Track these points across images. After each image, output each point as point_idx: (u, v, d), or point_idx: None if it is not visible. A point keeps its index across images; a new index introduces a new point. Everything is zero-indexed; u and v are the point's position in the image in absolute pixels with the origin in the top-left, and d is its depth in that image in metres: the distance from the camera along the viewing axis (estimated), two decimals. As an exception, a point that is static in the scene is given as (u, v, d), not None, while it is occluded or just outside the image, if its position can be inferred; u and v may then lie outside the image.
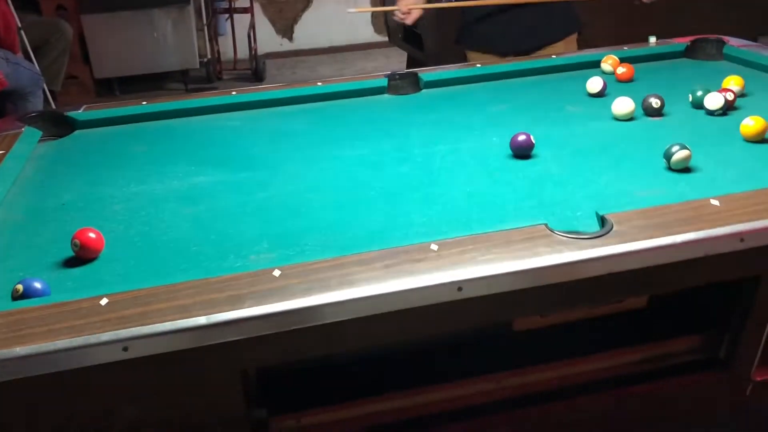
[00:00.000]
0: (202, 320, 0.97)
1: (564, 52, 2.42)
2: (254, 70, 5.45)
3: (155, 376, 1.01)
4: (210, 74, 5.36)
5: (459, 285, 1.06)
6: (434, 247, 1.12)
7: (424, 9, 2.44)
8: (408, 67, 4.77)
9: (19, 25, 3.94)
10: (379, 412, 1.24)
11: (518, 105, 1.96)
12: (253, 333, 1.01)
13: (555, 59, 2.28)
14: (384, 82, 2.10)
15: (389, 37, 4.81)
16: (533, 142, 1.57)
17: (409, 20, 2.40)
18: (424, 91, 2.12)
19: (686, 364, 1.36)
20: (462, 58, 2.67)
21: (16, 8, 3.96)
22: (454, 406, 1.28)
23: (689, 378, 1.34)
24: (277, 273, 1.07)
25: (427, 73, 2.16)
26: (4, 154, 1.62)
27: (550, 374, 1.27)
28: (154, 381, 1.01)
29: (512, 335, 1.23)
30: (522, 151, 1.57)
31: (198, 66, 5.30)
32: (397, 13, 2.42)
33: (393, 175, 1.54)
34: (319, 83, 2.12)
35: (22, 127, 1.82)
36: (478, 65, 2.25)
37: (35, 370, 0.94)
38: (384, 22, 4.68)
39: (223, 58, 5.65)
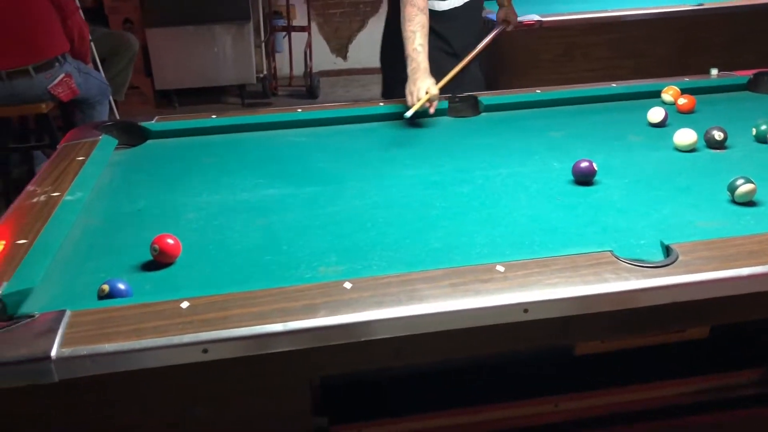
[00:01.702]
0: (278, 327, 1.02)
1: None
2: (308, 87, 5.56)
3: (230, 379, 1.05)
4: (266, 90, 5.48)
5: (525, 307, 1.08)
6: (500, 268, 1.15)
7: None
8: (461, 89, 4.81)
9: (90, 36, 4.11)
10: (437, 428, 1.27)
11: (578, 132, 1.97)
12: (325, 342, 1.05)
13: (614, 87, 2.29)
14: (444, 104, 2.14)
15: (443, 59, 4.86)
16: (596, 168, 1.58)
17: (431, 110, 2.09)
18: (483, 114, 2.15)
19: (747, 397, 1.35)
20: (518, 84, 2.69)
21: (86, 21, 4.14)
22: (512, 425, 1.30)
23: (749, 411, 1.33)
24: (348, 285, 1.11)
25: (486, 97, 2.20)
26: (84, 161, 1.71)
27: (608, 399, 1.28)
28: (229, 383, 1.06)
29: (573, 359, 1.25)
30: (584, 178, 1.58)
31: (255, 81, 5.42)
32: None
33: (454, 195, 1.57)
34: (381, 103, 2.17)
35: (99, 135, 1.91)
36: (538, 90, 2.27)
37: (120, 367, 0.99)
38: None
39: (278, 75, 5.78)
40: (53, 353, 0.96)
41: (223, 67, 5.26)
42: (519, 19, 3.41)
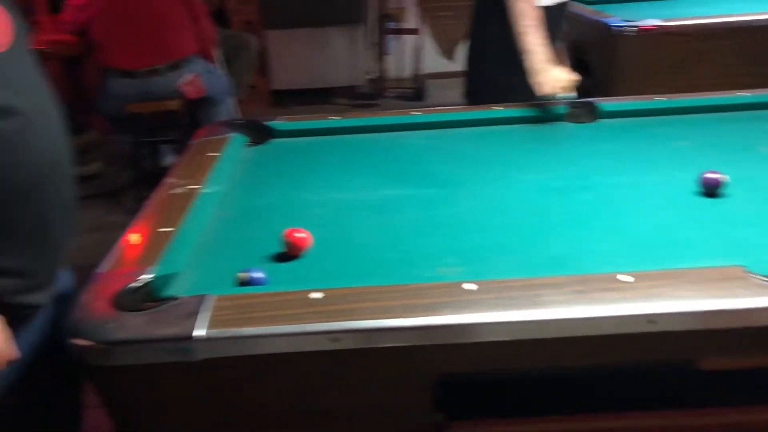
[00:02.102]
0: (405, 322, 1.06)
1: None
2: (416, 90, 5.62)
3: (357, 369, 1.11)
4: (374, 91, 5.58)
5: (651, 318, 1.07)
6: (626, 278, 1.14)
7: None
8: (572, 93, 4.72)
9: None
10: (552, 432, 1.27)
11: (703, 141, 1.91)
12: (448, 340, 1.08)
13: (742, 96, 2.19)
14: (563, 109, 2.12)
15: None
16: (724, 180, 1.53)
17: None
18: (602, 120, 2.12)
19: None
20: (636, 91, 2.61)
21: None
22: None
23: None
24: (470, 287, 1.14)
25: (606, 103, 2.16)
26: (217, 156, 1.82)
27: (732, 418, 1.23)
28: (355, 373, 1.11)
29: (697, 373, 1.21)
30: (712, 189, 1.53)
31: (364, 83, 5.54)
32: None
33: (574, 202, 1.56)
34: (498, 107, 2.18)
35: (229, 132, 2.02)
36: (659, 98, 2.21)
37: (257, 349, 1.07)
38: (552, 48, 4.67)
39: (387, 77, 5.87)
40: (197, 334, 1.05)
41: (335, 68, 5.41)
42: (637, 23, 3.33)
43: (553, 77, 2.12)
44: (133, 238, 1.38)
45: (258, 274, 1.23)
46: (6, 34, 1.10)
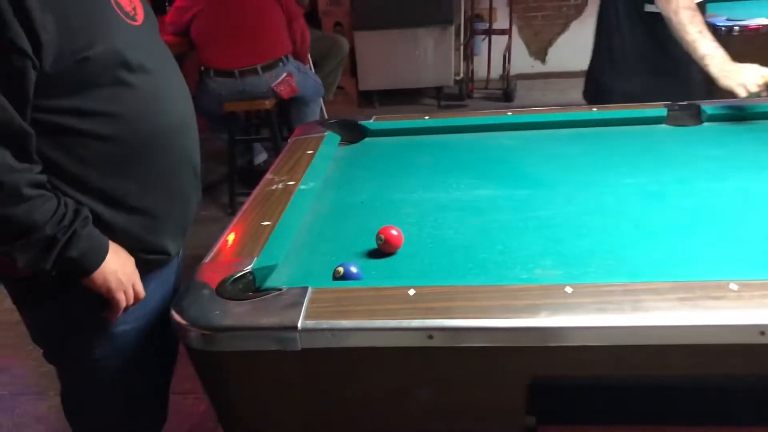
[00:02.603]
0: (502, 322, 1.06)
1: None
2: (505, 91, 5.56)
3: (451, 367, 1.11)
4: (462, 92, 5.57)
5: (762, 329, 1.02)
6: (734, 286, 1.09)
7: None
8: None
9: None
10: (647, 443, 1.24)
11: (817, 145, 1.80)
12: (545, 343, 1.07)
13: None
14: (663, 111, 2.05)
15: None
16: (843, 188, 1.44)
17: None
18: (706, 124, 2.03)
19: None
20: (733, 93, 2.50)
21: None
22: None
23: None
24: (569, 290, 1.12)
25: (710, 106, 2.07)
26: (313, 154, 1.87)
27: None
28: (450, 371, 1.12)
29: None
30: (829, 197, 1.45)
31: (452, 84, 5.53)
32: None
33: (676, 207, 1.51)
34: (594, 109, 2.13)
35: (324, 131, 2.07)
36: (766, 100, 2.10)
37: (355, 342, 1.09)
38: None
39: (475, 77, 5.85)
40: (299, 324, 1.08)
41: (423, 69, 5.42)
42: (743, 22, 3.18)
43: (747, 75, 2.02)
44: (235, 230, 1.44)
45: (354, 269, 1.25)
46: (140, 14, 1.27)
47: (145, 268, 1.31)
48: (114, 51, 1.15)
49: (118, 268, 1.22)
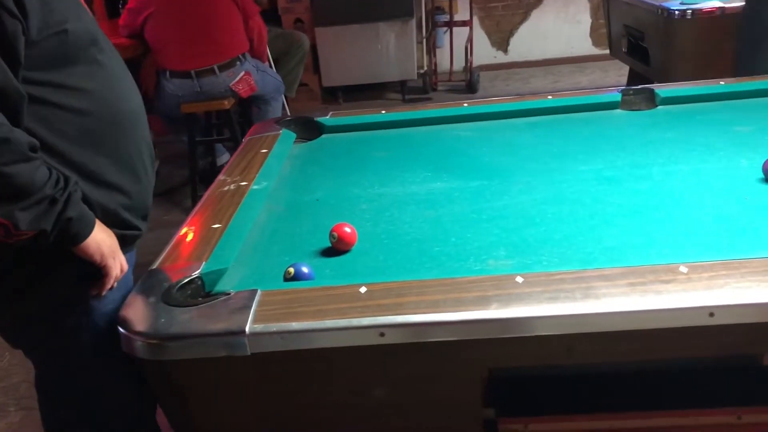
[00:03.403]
0: (452, 316, 1.04)
1: None
2: (468, 82, 5.56)
3: (405, 364, 1.09)
4: (426, 85, 5.55)
5: (711, 310, 1.02)
6: (684, 269, 1.09)
7: None
8: (629, 82, 4.59)
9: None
10: (604, 430, 1.23)
11: (766, 126, 1.82)
12: (497, 335, 1.06)
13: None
14: (617, 96, 2.06)
15: (610, 50, 4.66)
16: (791, 166, 1.45)
17: None
18: (660, 107, 2.04)
19: None
20: (690, 76, 2.52)
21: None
22: (687, 435, 1.23)
23: None
24: (520, 279, 1.11)
25: (663, 89, 2.08)
26: (267, 153, 1.84)
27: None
28: (404, 368, 1.10)
29: (760, 368, 1.16)
30: (777, 176, 1.46)
31: (416, 77, 5.51)
32: None
33: (631, 192, 1.51)
34: (549, 96, 2.13)
35: (279, 129, 2.04)
36: (722, 83, 2.12)
37: (305, 344, 1.07)
38: (608, 33, 4.54)
39: (438, 70, 5.83)
40: (247, 328, 1.05)
41: (386, 63, 5.39)
42: (698, 5, 3.22)
43: None
44: (184, 234, 1.41)
45: (305, 269, 1.23)
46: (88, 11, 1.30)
47: (120, 243, 1.29)
48: (86, 29, 1.21)
49: (105, 237, 1.23)
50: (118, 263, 1.26)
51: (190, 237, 1.40)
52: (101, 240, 1.21)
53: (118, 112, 1.28)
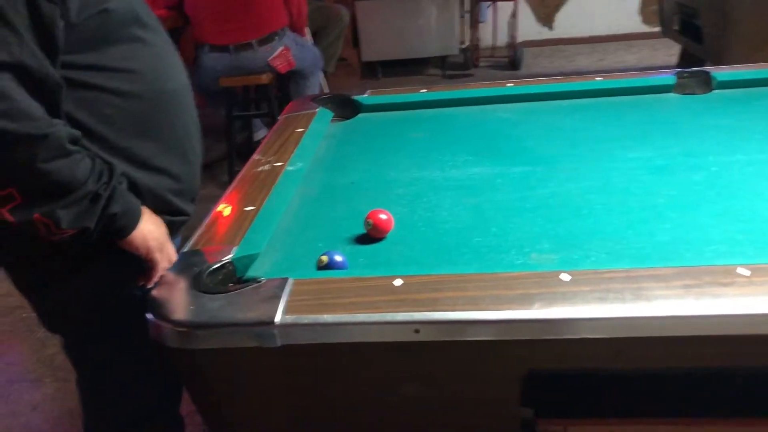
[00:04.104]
0: (492, 315, 0.98)
1: None
2: (511, 59, 5.43)
3: (440, 361, 1.04)
4: (467, 61, 5.44)
5: (773, 318, 0.94)
6: (744, 271, 1.01)
7: None
8: (680, 61, 4.42)
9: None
10: (651, 436, 1.17)
11: (835, 113, 1.70)
12: (539, 336, 0.99)
13: None
14: (671, 79, 1.95)
15: (662, 28, 4.48)
16: None
17: None
18: (716, 91, 1.93)
19: None
20: (747, 57, 2.39)
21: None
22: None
23: None
24: (566, 277, 1.05)
25: (720, 72, 1.97)
26: (303, 132, 1.79)
27: None
28: (438, 365, 1.05)
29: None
30: None
31: (457, 52, 5.40)
32: None
33: (684, 182, 1.42)
34: (598, 78, 2.03)
35: (316, 107, 1.99)
36: (783, 65, 1.99)
37: (336, 338, 1.02)
38: (659, 10, 4.36)
39: (481, 45, 5.70)
40: (277, 319, 1.01)
41: (426, 38, 5.30)
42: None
43: None
44: (217, 216, 1.37)
45: (338, 258, 1.18)
46: None
47: (169, 230, 1.26)
48: (129, 6, 1.16)
49: (153, 228, 1.19)
50: (165, 256, 1.22)
51: (222, 219, 1.36)
52: (148, 232, 1.18)
53: (163, 91, 1.23)
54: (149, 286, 1.23)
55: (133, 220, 1.15)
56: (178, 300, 1.09)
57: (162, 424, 1.47)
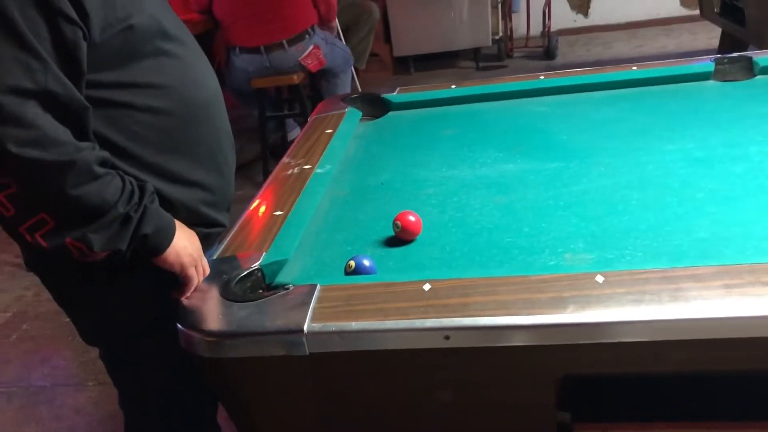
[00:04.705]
0: (524, 320, 0.96)
1: None
2: (546, 48, 5.33)
3: (471, 367, 1.02)
4: (501, 52, 5.35)
5: (822, 319, 0.90)
6: (789, 269, 0.97)
7: None
8: (721, 46, 4.28)
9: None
10: (693, 440, 1.13)
11: None
12: (574, 340, 0.96)
13: None
14: (710, 66, 1.89)
15: (701, 11, 4.34)
16: None
17: None
18: (758, 77, 1.86)
19: None
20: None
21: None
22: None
23: None
24: (600, 279, 1.01)
25: (763, 57, 1.89)
26: (332, 133, 1.78)
27: None
28: (470, 371, 1.03)
29: None
30: None
31: (490, 44, 5.33)
32: None
33: (724, 175, 1.37)
34: (634, 67, 1.98)
35: (345, 107, 1.98)
36: (831, 47, 1.91)
37: (365, 345, 1.01)
38: (698, -7, 4.24)
39: (514, 36, 5.62)
40: (305, 327, 1.00)
41: (459, 30, 5.24)
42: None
43: None
44: (247, 221, 1.37)
45: (366, 262, 1.17)
46: None
47: (205, 243, 1.25)
48: (153, 19, 1.14)
49: (187, 244, 1.17)
50: (200, 271, 1.19)
51: (251, 224, 1.36)
52: (182, 249, 1.15)
53: (193, 104, 1.22)
54: (183, 299, 1.22)
55: (167, 239, 1.13)
56: (207, 309, 1.10)
57: None
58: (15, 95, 0.94)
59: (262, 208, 1.42)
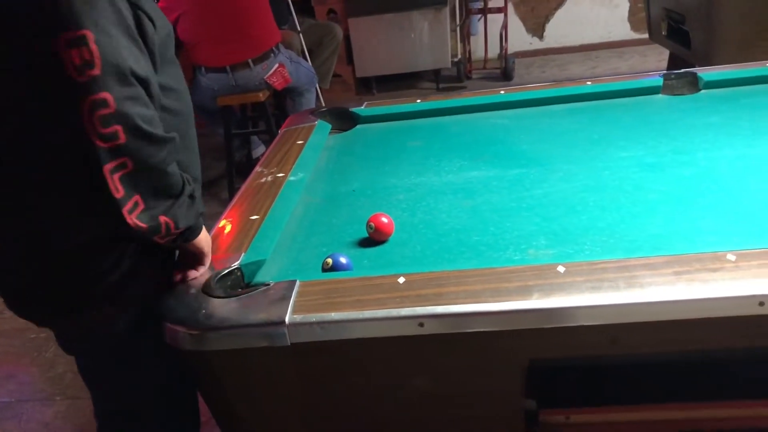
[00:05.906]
0: (492, 306, 1.03)
1: None
2: (503, 70, 5.49)
3: (444, 354, 1.09)
4: (460, 73, 5.50)
5: (761, 299, 0.99)
6: (731, 257, 1.06)
7: None
8: (669, 66, 4.48)
9: (299, 28, 4.41)
10: (651, 421, 1.21)
11: (818, 109, 1.76)
12: (538, 325, 1.04)
13: None
14: (659, 81, 2.01)
15: (650, 34, 4.55)
16: (844, 150, 1.40)
17: None
18: (703, 92, 1.99)
19: None
20: (735, 59, 2.44)
21: (294, 12, 4.44)
22: (733, 426, 1.20)
23: None
24: (561, 269, 1.09)
25: (707, 73, 2.03)
26: (303, 144, 1.84)
27: None
28: (443, 358, 1.09)
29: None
30: (830, 160, 1.41)
31: (449, 65, 5.47)
32: None
33: (674, 178, 1.47)
34: (588, 82, 2.09)
35: (315, 120, 2.04)
36: (764, 65, 2.05)
37: (344, 334, 1.06)
38: (647, 16, 4.43)
39: (473, 58, 5.78)
40: (287, 319, 1.06)
41: (419, 52, 5.36)
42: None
43: None
44: (223, 226, 1.42)
45: (343, 260, 1.23)
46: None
47: None
48: (169, 28, 1.22)
49: (205, 230, 1.25)
50: (209, 259, 1.27)
51: (228, 229, 1.41)
52: (205, 234, 1.24)
53: (190, 108, 1.31)
54: (188, 279, 1.25)
55: (202, 222, 1.21)
56: (191, 305, 1.13)
57: None
58: (134, 78, 1.01)
59: (238, 214, 1.46)
